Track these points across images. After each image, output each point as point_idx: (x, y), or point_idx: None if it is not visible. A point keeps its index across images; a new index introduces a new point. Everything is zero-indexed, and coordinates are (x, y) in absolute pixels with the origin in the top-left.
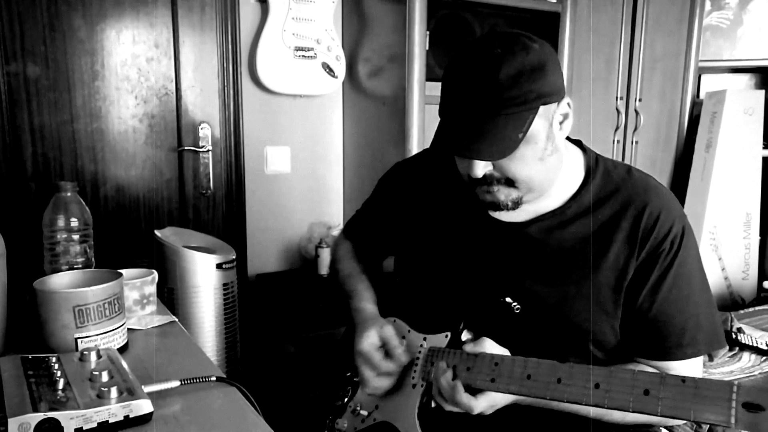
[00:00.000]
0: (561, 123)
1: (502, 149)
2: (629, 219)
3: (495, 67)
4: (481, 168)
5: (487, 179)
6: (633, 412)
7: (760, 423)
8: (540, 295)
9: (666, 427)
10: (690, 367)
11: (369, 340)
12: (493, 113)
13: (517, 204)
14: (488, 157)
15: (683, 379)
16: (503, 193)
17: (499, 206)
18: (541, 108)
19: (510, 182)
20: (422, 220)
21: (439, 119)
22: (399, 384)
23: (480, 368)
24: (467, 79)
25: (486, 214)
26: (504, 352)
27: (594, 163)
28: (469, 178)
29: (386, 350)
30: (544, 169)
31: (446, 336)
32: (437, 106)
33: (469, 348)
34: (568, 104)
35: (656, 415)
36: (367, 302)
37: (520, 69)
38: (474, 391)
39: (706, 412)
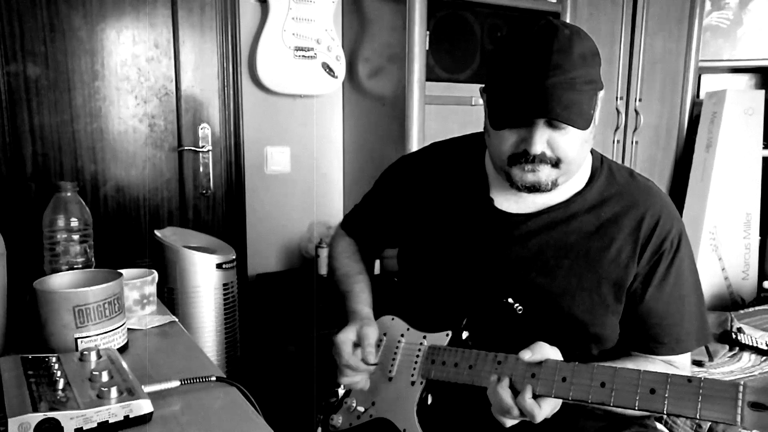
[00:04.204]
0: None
1: (585, 120)
2: (631, 219)
3: (569, 46)
4: (541, 144)
5: (537, 157)
6: (639, 410)
7: (765, 422)
8: (542, 287)
9: (666, 426)
10: (683, 360)
11: (345, 334)
12: (571, 87)
13: (555, 185)
14: (579, 124)
15: (689, 378)
16: (545, 173)
17: (539, 187)
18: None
19: (557, 162)
20: (427, 215)
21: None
22: (397, 381)
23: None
24: (541, 53)
25: (492, 207)
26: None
27: (599, 164)
28: (509, 158)
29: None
30: (583, 153)
31: (447, 335)
32: (437, 106)
33: (527, 357)
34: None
35: (662, 413)
36: (362, 304)
37: (586, 52)
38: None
39: (711, 411)
